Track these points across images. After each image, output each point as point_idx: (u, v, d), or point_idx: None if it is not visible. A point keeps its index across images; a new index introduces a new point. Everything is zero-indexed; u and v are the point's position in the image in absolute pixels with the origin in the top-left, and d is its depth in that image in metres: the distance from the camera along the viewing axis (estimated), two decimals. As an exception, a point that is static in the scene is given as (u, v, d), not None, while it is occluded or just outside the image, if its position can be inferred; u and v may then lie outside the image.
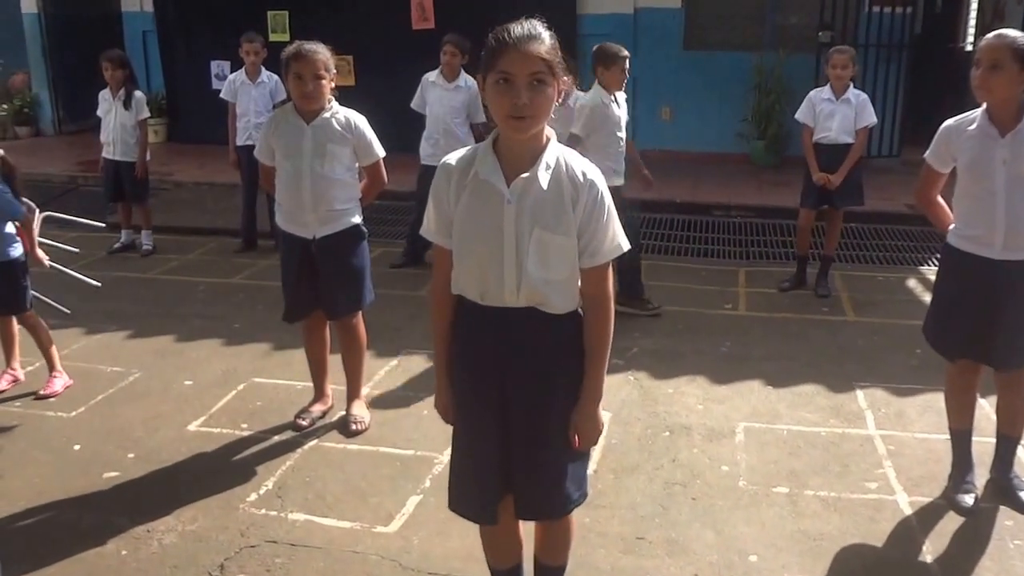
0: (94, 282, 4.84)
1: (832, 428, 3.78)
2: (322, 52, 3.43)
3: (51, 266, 4.29)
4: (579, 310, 2.17)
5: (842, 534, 3.02)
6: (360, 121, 3.58)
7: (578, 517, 2.51)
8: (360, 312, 3.71)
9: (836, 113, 5.31)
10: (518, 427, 2.16)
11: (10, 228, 3.97)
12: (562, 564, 2.46)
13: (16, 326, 4.18)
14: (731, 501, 3.22)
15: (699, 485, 3.32)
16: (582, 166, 2.07)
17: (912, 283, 5.89)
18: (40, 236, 4.18)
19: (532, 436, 2.16)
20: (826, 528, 3.05)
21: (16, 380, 4.20)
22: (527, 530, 2.44)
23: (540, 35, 1.96)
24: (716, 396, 4.10)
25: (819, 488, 3.29)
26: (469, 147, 2.16)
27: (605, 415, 3.56)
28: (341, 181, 3.55)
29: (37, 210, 4.15)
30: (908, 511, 3.16)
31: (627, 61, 4.93)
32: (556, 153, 2.06)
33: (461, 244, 2.10)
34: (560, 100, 2.01)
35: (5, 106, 11.14)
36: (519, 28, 1.96)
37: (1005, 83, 2.86)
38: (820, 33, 8.28)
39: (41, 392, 4.08)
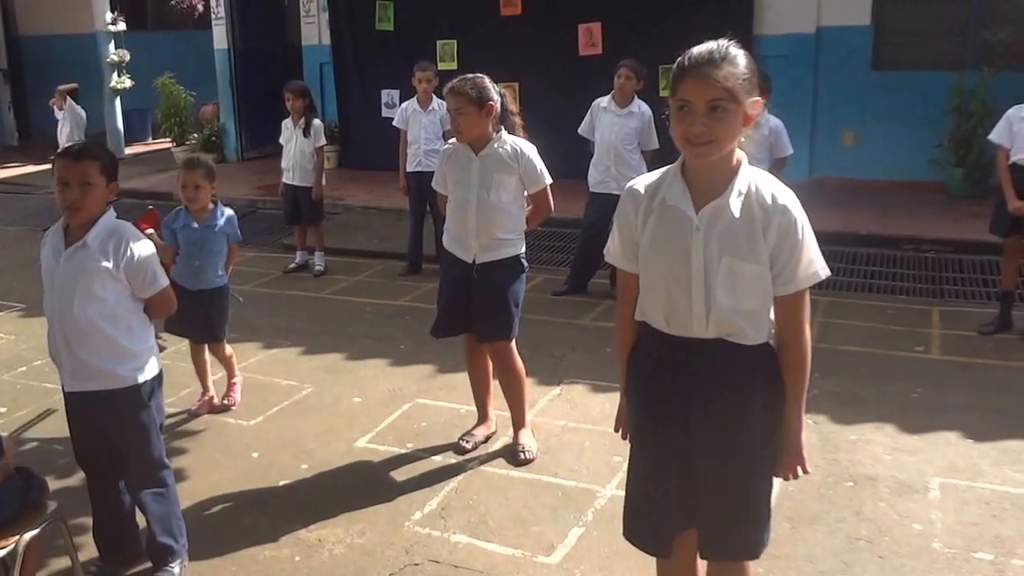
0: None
1: (1044, 490, 3.46)
2: (467, 86, 3.54)
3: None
4: (769, 342, 2.11)
5: (1058, 611, 2.75)
6: (528, 149, 3.68)
7: (752, 565, 2.41)
8: (512, 341, 3.78)
9: None
10: (703, 463, 2.13)
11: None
12: None
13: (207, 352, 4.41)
14: (924, 564, 2.99)
15: (887, 543, 3.11)
16: (773, 189, 2.02)
17: None
18: None
19: (719, 473, 2.12)
20: (1038, 603, 2.79)
21: (212, 400, 4.41)
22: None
23: (722, 58, 1.93)
24: (906, 446, 3.84)
25: (1029, 558, 3.01)
26: (657, 171, 2.14)
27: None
28: (506, 210, 3.66)
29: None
30: None
31: None
32: (748, 178, 2.02)
33: (647, 270, 2.10)
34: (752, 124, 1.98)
35: (196, 135, 12.21)
36: (699, 52, 1.95)
37: None
38: (1034, 49, 7.69)
39: (225, 402, 4.40)
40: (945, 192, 8.37)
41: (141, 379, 2.84)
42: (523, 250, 3.77)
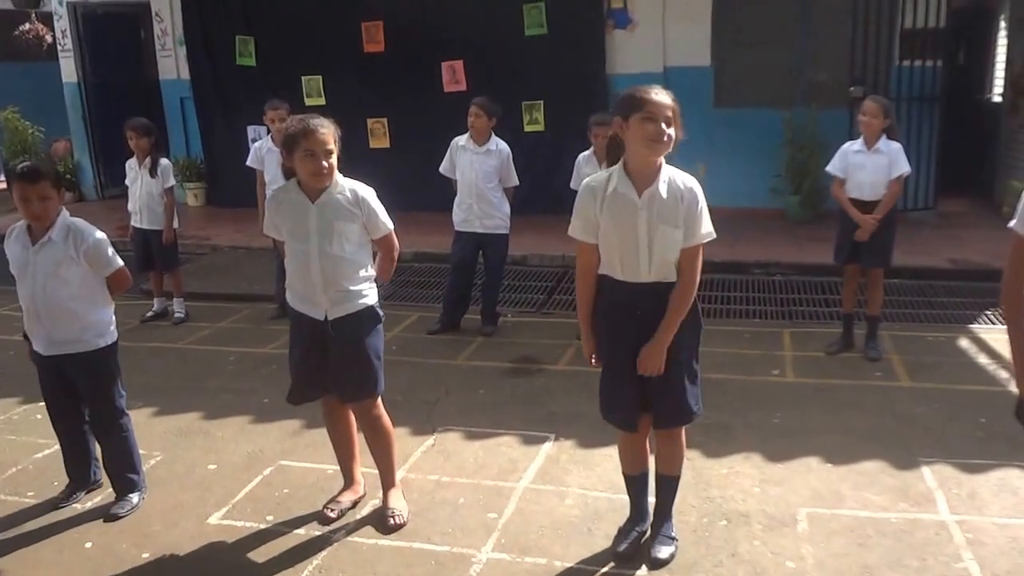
0: None
1: (902, 513, 3.34)
2: (330, 127, 3.14)
3: None
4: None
5: (930, 643, 2.58)
6: (367, 193, 3.25)
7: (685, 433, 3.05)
8: (378, 398, 3.35)
9: (867, 165, 4.98)
10: None
11: None
12: (678, 475, 3.14)
13: None
14: (800, 603, 2.80)
15: (764, 584, 2.90)
16: (684, 178, 2.82)
17: (965, 343, 5.42)
18: None
19: (663, 371, 2.87)
20: (911, 637, 2.62)
21: None
22: None
23: (666, 92, 2.74)
24: (773, 477, 3.68)
25: (896, 586, 2.86)
26: (603, 172, 2.85)
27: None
28: (352, 260, 3.21)
29: None
30: (1001, 616, 2.72)
31: None
32: (668, 172, 2.80)
33: (607, 238, 2.81)
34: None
35: (49, 172, 11.10)
36: (655, 87, 2.74)
37: None
38: (852, 88, 7.99)
39: None
40: (785, 218, 8.59)
41: (103, 344, 3.48)
42: (376, 300, 3.33)
